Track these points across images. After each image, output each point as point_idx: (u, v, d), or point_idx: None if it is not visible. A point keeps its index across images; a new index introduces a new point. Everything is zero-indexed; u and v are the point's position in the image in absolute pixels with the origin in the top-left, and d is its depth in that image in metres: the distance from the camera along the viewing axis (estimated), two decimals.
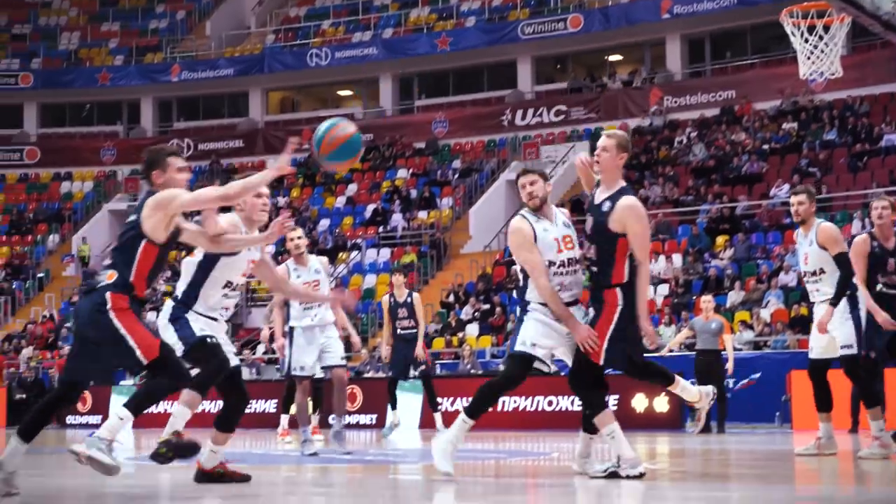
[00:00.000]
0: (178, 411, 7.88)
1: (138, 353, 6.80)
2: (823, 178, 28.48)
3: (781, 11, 15.85)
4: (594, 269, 7.94)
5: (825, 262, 10.23)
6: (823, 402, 10.48)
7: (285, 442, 15.10)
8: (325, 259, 12.52)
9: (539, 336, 7.94)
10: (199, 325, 7.99)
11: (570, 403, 18.81)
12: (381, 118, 40.89)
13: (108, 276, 6.96)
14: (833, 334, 10.23)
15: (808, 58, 15.67)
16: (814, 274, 10.36)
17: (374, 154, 38.72)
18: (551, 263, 8.01)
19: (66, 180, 42.69)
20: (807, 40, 15.62)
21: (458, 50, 38.94)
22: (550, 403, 19.52)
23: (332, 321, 12.04)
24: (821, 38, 15.52)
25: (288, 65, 41.49)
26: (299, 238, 11.80)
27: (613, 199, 7.92)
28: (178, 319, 8.01)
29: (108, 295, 6.86)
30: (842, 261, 10.09)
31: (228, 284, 8.18)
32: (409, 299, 16.66)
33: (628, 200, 7.90)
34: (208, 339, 7.89)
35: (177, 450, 7.46)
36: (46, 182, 42.76)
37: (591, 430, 8.15)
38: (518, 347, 8.00)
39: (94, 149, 42.96)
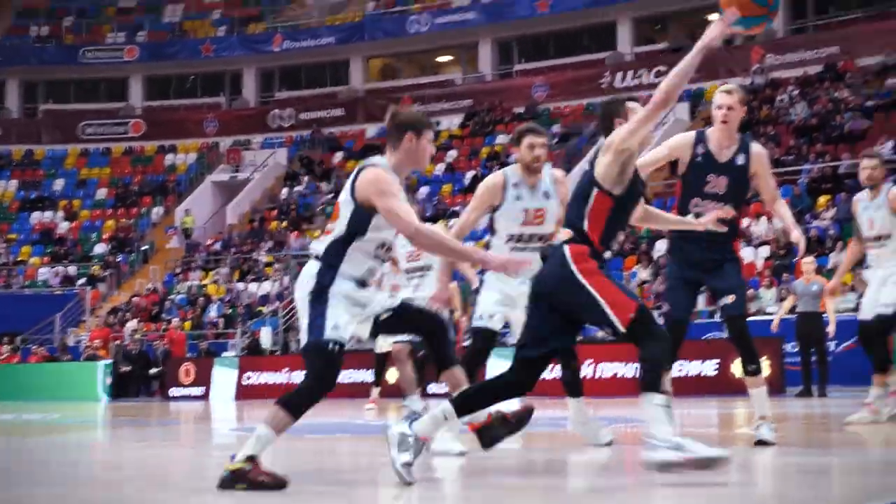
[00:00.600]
0: (263, 435, 5.92)
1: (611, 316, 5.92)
2: None
3: None
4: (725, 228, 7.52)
5: (893, 226, 10.05)
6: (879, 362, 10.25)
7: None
8: None
9: (493, 305, 7.86)
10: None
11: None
12: (481, 83, 40.83)
13: (564, 233, 6.20)
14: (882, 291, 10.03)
15: None
16: (878, 239, 10.20)
17: (475, 120, 38.69)
18: (510, 237, 7.94)
19: (171, 152, 43.30)
20: None
21: (557, 12, 38.71)
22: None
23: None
24: None
25: (388, 32, 41.60)
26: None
27: (744, 150, 7.89)
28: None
29: (566, 249, 6.11)
30: None
31: None
32: None
33: (757, 146, 7.96)
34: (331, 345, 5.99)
35: (253, 485, 5.78)
36: (151, 155, 43.42)
37: (576, 392, 8.00)
38: (475, 322, 7.92)
39: (197, 120, 43.53)
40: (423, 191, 35.60)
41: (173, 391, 25.23)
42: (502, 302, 7.91)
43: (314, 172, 39.07)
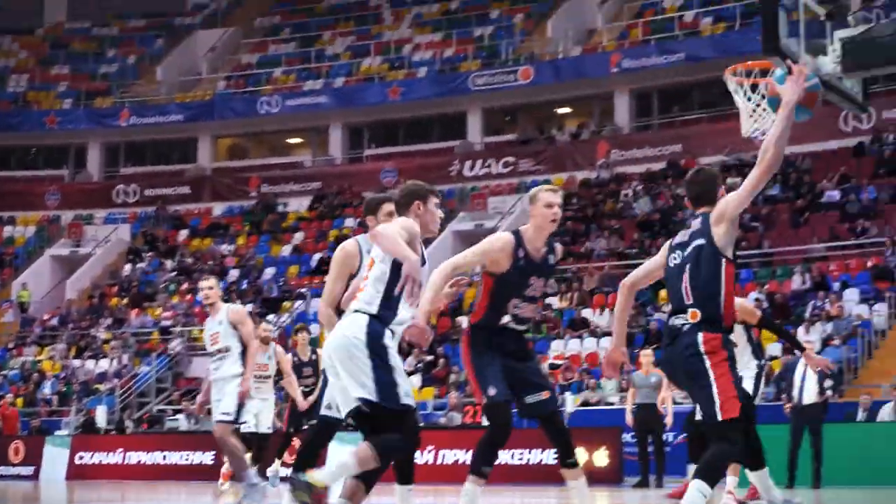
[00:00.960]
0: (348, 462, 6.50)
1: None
2: (766, 233, 28.64)
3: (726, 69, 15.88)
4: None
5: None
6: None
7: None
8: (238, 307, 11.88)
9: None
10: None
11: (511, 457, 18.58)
12: (330, 166, 40.79)
13: (692, 315, 6.42)
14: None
15: (751, 116, 15.66)
16: None
17: (323, 202, 38.57)
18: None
19: (9, 224, 42.11)
20: (749, 98, 15.61)
21: (409, 100, 38.95)
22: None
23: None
24: (763, 96, 15.52)
25: (238, 112, 41.32)
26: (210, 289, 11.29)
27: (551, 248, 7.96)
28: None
29: (700, 337, 6.37)
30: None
31: None
32: (313, 357, 16.25)
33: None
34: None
35: None
36: None
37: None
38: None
39: (39, 193, 42.44)
40: (269, 272, 35.23)
41: (1, 470, 24.26)
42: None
43: (158, 249, 38.40)
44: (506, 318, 7.64)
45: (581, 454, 18.37)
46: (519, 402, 7.64)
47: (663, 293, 27.19)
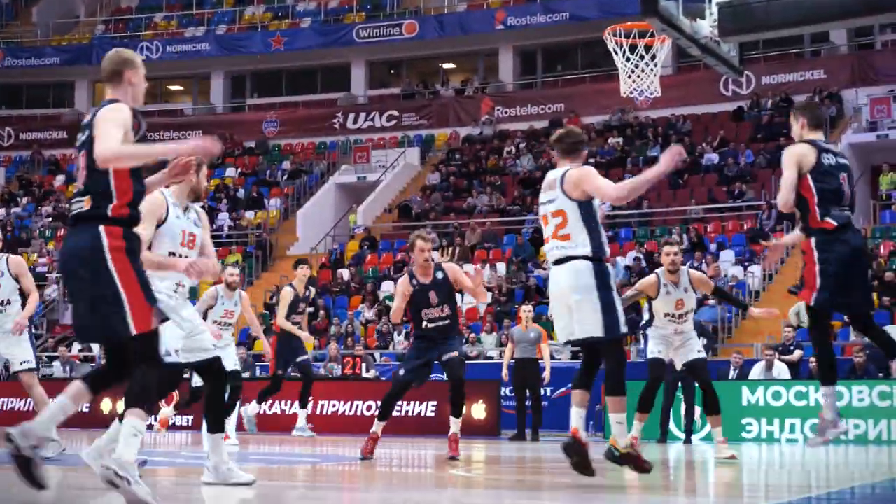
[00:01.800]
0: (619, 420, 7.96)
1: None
2: (646, 194, 29.18)
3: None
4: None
5: (693, 303, 11.72)
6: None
7: None
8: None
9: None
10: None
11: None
12: (212, 115, 40.47)
13: None
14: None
15: (630, 76, 16.03)
16: (681, 317, 11.67)
17: None
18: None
19: None
20: (628, 59, 15.95)
21: (293, 50, 38.80)
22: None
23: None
24: (642, 57, 15.88)
25: None
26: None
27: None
28: None
29: None
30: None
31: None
32: (307, 293, 16.57)
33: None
34: None
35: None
36: None
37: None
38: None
39: None
40: None
41: None
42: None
43: (33, 194, 37.76)
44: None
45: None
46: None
47: (542, 250, 27.64)
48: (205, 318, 13.01)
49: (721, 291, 12.47)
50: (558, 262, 7.68)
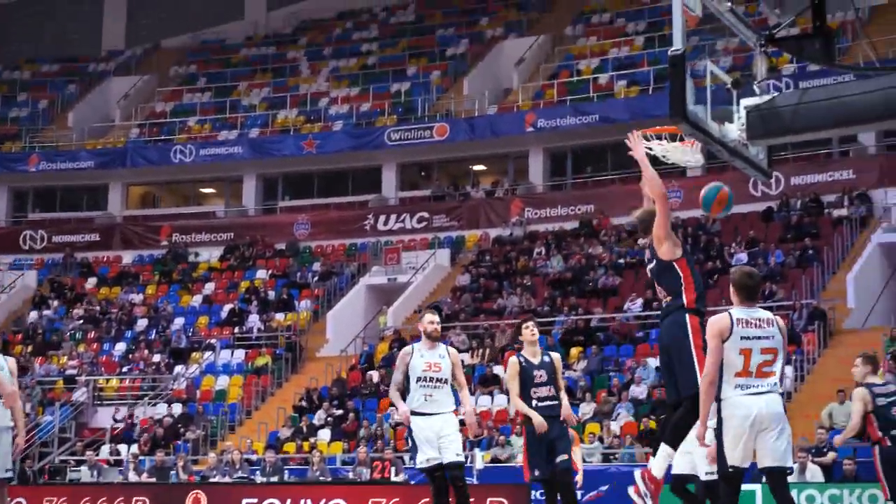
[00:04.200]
0: None
1: None
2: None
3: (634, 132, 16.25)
4: None
5: None
6: None
7: None
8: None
9: None
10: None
11: None
12: (243, 217, 40.76)
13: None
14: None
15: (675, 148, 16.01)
16: None
17: (235, 253, 38.51)
18: None
19: None
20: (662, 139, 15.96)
21: (324, 153, 39.12)
22: None
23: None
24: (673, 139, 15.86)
25: (151, 160, 41.17)
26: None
27: None
28: None
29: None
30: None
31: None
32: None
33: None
34: None
35: None
36: None
37: None
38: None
39: None
40: (178, 322, 35.03)
41: None
42: None
43: (65, 297, 38.01)
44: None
45: None
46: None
47: (574, 351, 27.51)
48: None
49: None
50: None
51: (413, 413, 10.78)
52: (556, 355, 11.52)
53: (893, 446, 11.90)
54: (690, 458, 10.43)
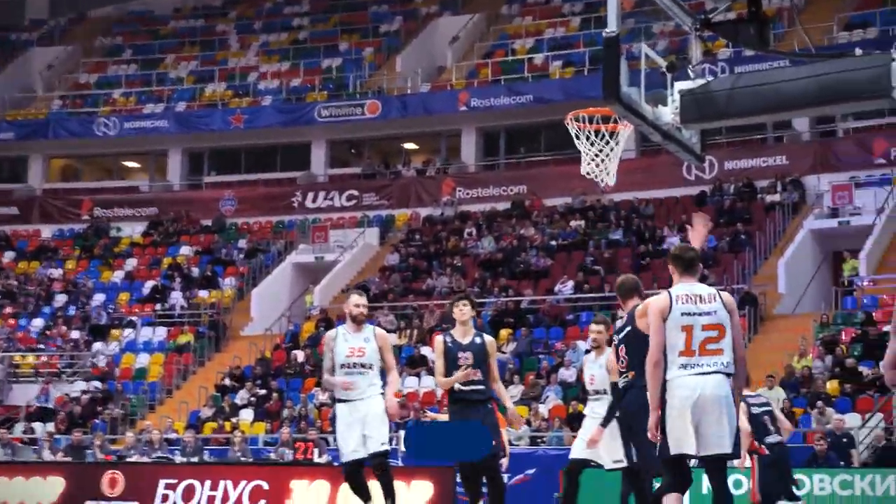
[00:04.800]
0: None
1: None
2: (607, 276, 29.27)
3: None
4: None
5: (607, 384, 10.84)
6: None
7: None
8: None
9: None
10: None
11: None
12: (168, 192, 40.37)
13: None
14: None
15: (592, 160, 16.07)
16: (597, 393, 11.04)
17: (159, 229, 38.14)
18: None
19: None
20: (592, 143, 16.00)
21: (253, 128, 38.81)
22: None
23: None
24: (607, 142, 15.92)
25: (73, 132, 40.62)
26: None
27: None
28: None
29: None
30: (614, 387, 10.56)
31: None
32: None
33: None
34: None
35: None
36: None
37: None
38: None
39: None
40: (99, 298, 34.64)
41: None
42: None
43: None
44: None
45: (416, 492, 18.51)
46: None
47: (503, 333, 27.59)
48: None
49: None
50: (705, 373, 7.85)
51: (337, 401, 10.71)
52: (489, 339, 11.01)
53: (772, 454, 13.25)
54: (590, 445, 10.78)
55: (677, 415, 7.69)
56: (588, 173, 15.91)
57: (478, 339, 10.77)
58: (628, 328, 9.34)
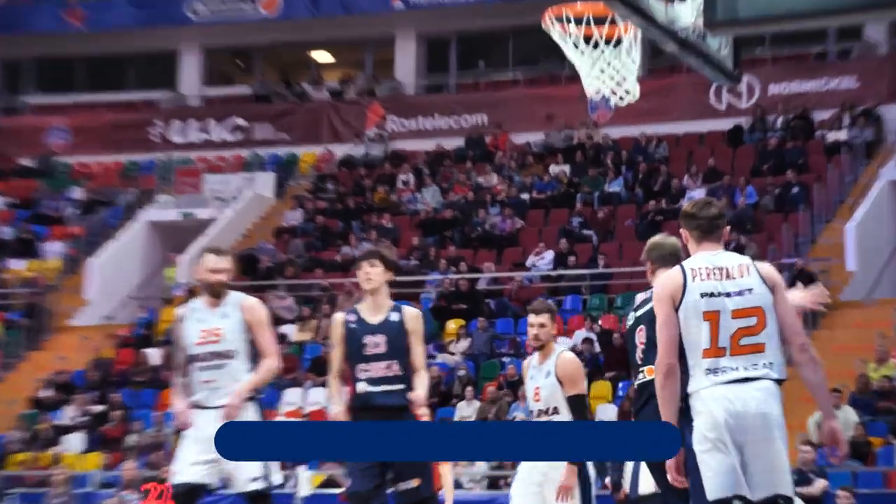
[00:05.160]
0: None
1: None
2: (602, 246, 29.17)
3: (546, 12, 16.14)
4: None
5: (560, 399, 10.43)
6: None
7: None
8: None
9: None
10: None
11: None
12: None
13: None
14: None
15: (601, 74, 16.12)
16: (544, 413, 10.55)
17: None
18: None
19: None
20: (582, 52, 15.95)
21: (97, 29, 38.63)
22: None
23: None
24: (602, 50, 15.92)
25: None
26: None
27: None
28: None
29: None
30: (577, 404, 10.40)
31: None
32: None
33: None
34: None
35: None
36: None
37: None
38: None
39: None
40: None
41: None
42: None
43: None
44: None
45: None
46: None
47: (452, 326, 27.48)
48: None
49: None
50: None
51: (195, 406, 10.13)
52: (411, 311, 10.45)
53: None
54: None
55: (711, 445, 7.25)
56: (597, 91, 15.83)
57: (394, 316, 10.28)
58: (650, 305, 8.31)
